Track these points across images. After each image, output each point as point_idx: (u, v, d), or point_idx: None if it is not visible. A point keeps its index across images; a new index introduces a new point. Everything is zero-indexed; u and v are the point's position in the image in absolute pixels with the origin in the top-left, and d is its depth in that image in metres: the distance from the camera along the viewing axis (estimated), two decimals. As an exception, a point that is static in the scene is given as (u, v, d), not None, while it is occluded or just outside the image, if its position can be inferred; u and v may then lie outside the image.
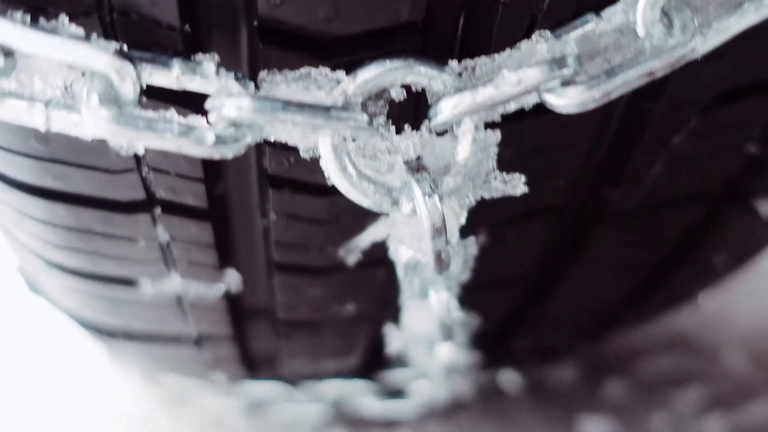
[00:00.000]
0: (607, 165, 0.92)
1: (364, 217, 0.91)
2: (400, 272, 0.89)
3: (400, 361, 1.30)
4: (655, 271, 1.14)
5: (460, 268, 0.92)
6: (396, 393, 1.45)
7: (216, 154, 0.70)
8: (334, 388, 1.44)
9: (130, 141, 0.69)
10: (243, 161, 0.86)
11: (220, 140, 0.70)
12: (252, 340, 1.18)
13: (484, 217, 0.92)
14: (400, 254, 0.87)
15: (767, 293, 1.88)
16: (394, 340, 1.12)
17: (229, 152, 0.70)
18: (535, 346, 1.36)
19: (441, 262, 0.80)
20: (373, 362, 1.31)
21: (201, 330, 1.12)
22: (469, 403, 1.65)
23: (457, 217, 0.82)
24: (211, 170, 0.85)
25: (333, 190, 0.85)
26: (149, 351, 1.21)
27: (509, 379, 1.60)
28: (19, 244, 1.02)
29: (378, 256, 0.96)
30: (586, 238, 1.02)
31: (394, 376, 1.41)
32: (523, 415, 1.63)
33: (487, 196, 0.79)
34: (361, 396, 1.47)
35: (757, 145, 0.94)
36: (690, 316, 1.80)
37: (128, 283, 1.01)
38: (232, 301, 1.06)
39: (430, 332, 1.04)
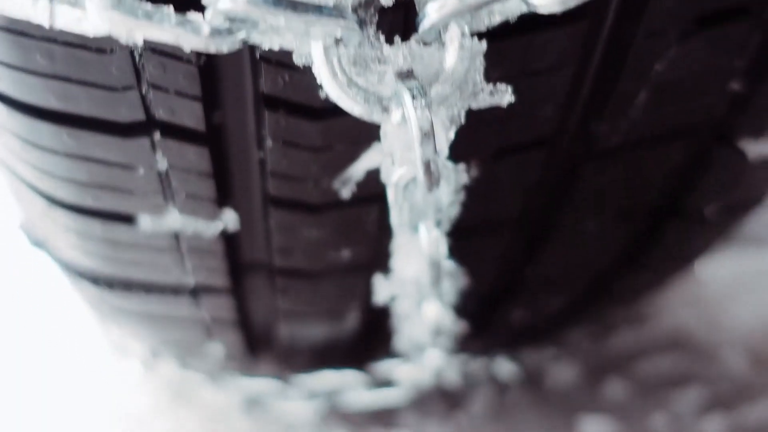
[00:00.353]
0: (593, 94, 0.95)
1: (358, 144, 0.94)
2: (391, 196, 0.91)
3: (391, 344, 1.33)
4: (648, 223, 1.15)
5: (451, 199, 0.94)
6: (385, 383, 1.47)
7: (211, 46, 0.73)
8: (327, 380, 1.46)
9: (130, 30, 0.72)
10: (239, 82, 0.89)
11: (215, 32, 0.73)
12: (249, 296, 1.20)
13: (473, 147, 0.95)
14: (391, 173, 0.89)
15: (767, 293, 1.89)
16: (383, 289, 1.13)
17: (223, 45, 0.74)
18: (533, 317, 1.37)
19: (430, 175, 0.83)
20: (368, 334, 1.33)
21: (198, 279, 1.14)
22: (469, 402, 1.66)
23: (446, 131, 0.85)
24: (209, 89, 0.88)
25: (327, 113, 0.89)
26: (146, 308, 1.22)
27: (505, 369, 1.60)
28: (21, 184, 1.04)
29: (371, 192, 0.99)
30: (576, 177, 1.04)
31: (383, 366, 1.43)
32: (523, 415, 1.63)
33: (474, 106, 0.82)
34: (353, 388, 1.48)
35: (740, 80, 0.96)
36: (690, 316, 1.82)
37: (127, 219, 1.03)
38: (229, 246, 1.08)
39: (419, 281, 1.05)
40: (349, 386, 1.45)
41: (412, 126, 0.79)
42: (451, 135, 0.85)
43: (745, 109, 0.98)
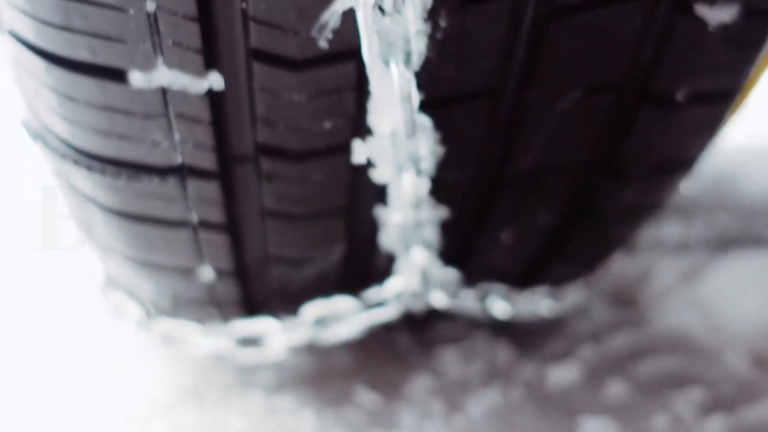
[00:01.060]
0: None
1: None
2: (361, 20, 0.96)
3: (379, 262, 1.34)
4: (619, 109, 1.18)
5: (418, 27, 0.99)
6: (376, 305, 1.47)
7: None
8: (319, 309, 1.46)
9: None
10: None
11: None
12: (236, 188, 1.23)
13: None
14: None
15: (767, 293, 1.88)
16: (360, 150, 1.16)
17: None
18: (521, 241, 1.37)
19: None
20: (356, 255, 1.35)
21: (186, 158, 1.18)
22: (469, 403, 1.65)
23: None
24: None
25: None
26: (136, 206, 1.25)
27: (499, 308, 1.58)
28: (21, 48, 1.11)
29: (347, 47, 1.04)
30: (542, 41, 1.08)
31: (373, 291, 1.44)
32: (523, 416, 1.62)
33: None
34: (345, 315, 1.48)
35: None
36: (690, 317, 1.81)
37: (119, 76, 1.09)
38: (215, 113, 1.13)
39: (396, 137, 1.09)
40: (340, 313, 1.45)
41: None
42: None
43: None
